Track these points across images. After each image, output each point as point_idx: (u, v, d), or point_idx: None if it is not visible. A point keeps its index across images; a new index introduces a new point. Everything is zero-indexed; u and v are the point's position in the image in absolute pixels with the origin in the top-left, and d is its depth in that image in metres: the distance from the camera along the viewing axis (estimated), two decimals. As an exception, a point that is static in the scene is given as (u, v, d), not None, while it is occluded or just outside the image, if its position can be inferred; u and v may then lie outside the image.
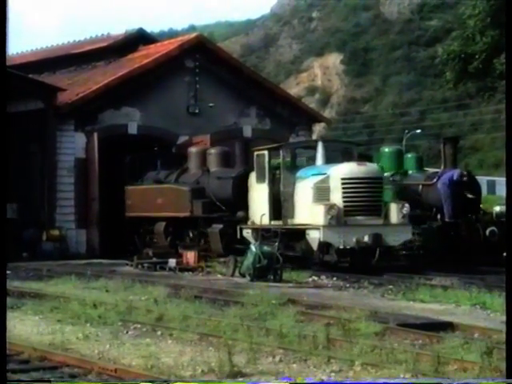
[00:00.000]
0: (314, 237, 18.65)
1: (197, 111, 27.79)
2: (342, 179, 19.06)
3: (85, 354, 9.82)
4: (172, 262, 20.50)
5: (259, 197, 20.59)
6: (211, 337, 10.75)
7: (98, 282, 17.02)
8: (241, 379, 8.66)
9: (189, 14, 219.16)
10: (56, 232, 24.99)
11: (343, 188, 19.02)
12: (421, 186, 22.66)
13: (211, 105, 27.78)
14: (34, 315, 12.79)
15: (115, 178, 25.92)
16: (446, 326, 11.54)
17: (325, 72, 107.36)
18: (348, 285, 16.89)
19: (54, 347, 10.17)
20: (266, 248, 17.99)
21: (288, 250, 19.24)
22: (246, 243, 20.17)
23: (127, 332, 11.47)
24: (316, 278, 18.12)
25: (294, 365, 9.39)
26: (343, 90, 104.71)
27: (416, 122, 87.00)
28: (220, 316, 12.31)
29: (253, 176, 21.00)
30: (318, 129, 77.35)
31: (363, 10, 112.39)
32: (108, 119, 26.74)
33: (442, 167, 22.79)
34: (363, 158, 20.79)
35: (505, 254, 21.64)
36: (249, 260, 17.87)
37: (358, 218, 18.93)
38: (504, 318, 12.42)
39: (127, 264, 21.74)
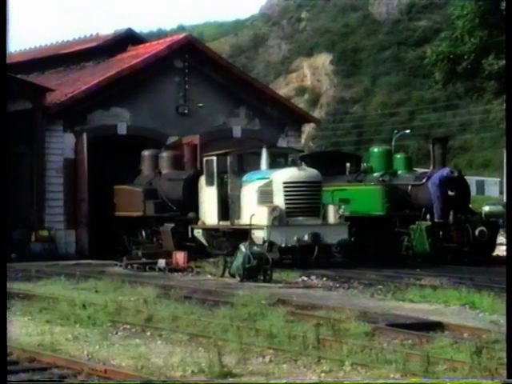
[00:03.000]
0: (259, 236, 19.94)
1: (186, 111, 27.74)
2: (284, 183, 20.58)
3: (74, 355, 9.79)
4: (162, 262, 20.47)
5: (208, 199, 22.24)
6: (201, 337, 10.74)
7: (88, 282, 16.97)
8: (231, 380, 8.66)
9: (178, 14, 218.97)
10: (45, 233, 24.92)
11: (285, 191, 20.53)
12: (410, 186, 22.70)
13: (200, 105, 27.75)
14: (23, 316, 12.73)
15: (104, 179, 25.89)
16: (436, 326, 11.57)
17: (314, 72, 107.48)
18: (338, 285, 16.90)
19: (43, 348, 10.14)
20: (255, 248, 18.01)
21: (235, 248, 20.47)
22: (197, 241, 22.34)
23: (117, 333, 11.45)
24: (306, 278, 18.14)
25: (284, 365, 9.40)
26: (332, 90, 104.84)
27: (405, 122, 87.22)
28: (210, 316, 12.30)
29: (202, 179, 22.55)
30: (308, 129, 77.48)
31: (352, 11, 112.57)
32: (97, 120, 26.67)
33: (431, 167, 22.85)
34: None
35: (501, 253, 21.81)
36: (238, 260, 17.89)
37: (299, 218, 20.47)
38: (493, 317, 12.49)
39: (116, 264, 21.70)
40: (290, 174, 20.82)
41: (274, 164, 21.59)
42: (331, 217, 20.69)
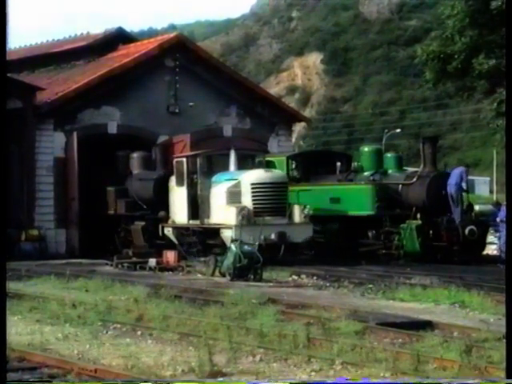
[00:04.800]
0: (227, 235, 20.54)
1: (177, 111, 27.71)
2: (252, 184, 21.25)
3: (64, 355, 9.77)
4: (152, 261, 20.45)
5: (179, 199, 22.96)
6: (191, 336, 10.74)
7: (78, 281, 16.94)
8: (221, 379, 8.66)
9: (169, 13, 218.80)
10: (35, 232, 24.85)
11: (252, 192, 21.22)
12: (400, 186, 22.73)
13: (191, 104, 27.72)
14: (13, 315, 12.68)
15: (95, 178, 25.89)
16: (426, 325, 11.60)
17: (305, 71, 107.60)
18: (328, 284, 16.93)
19: (33, 348, 10.12)
20: (246, 247, 18.02)
21: (204, 246, 21.79)
22: (167, 240, 23.07)
23: (107, 332, 11.44)
24: (296, 278, 18.17)
25: (275, 364, 9.40)
26: (323, 89, 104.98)
27: (395, 121, 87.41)
28: (200, 316, 12.30)
29: (173, 180, 23.28)
30: (298, 128, 77.55)
31: (343, 10, 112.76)
32: (87, 119, 26.61)
33: (422, 166, 22.87)
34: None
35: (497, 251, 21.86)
36: (229, 259, 17.90)
37: (266, 218, 21.06)
38: (482, 316, 12.54)
39: (107, 264, 21.67)
40: (257, 175, 21.52)
41: (241, 165, 22.31)
42: (297, 216, 21.47)
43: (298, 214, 21.47)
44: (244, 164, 22.42)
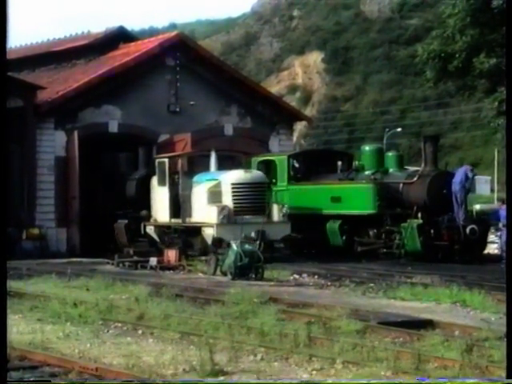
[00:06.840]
0: (209, 233, 21.54)
1: (178, 109, 27.72)
2: (232, 184, 21.94)
3: (65, 354, 9.77)
4: (153, 260, 20.48)
5: (161, 198, 23.66)
6: (192, 335, 10.74)
7: (79, 280, 16.94)
8: (222, 378, 8.66)
9: (169, 11, 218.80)
10: (36, 231, 24.87)
11: (233, 192, 21.91)
12: (401, 185, 22.73)
13: (192, 103, 27.73)
14: (14, 314, 12.67)
15: (95, 177, 25.90)
16: (427, 324, 11.60)
17: (306, 70, 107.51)
18: (329, 283, 16.93)
19: (34, 346, 10.12)
20: (247, 246, 18.03)
21: (186, 244, 22.27)
22: (148, 237, 23.79)
23: (108, 331, 11.44)
24: (297, 277, 18.17)
25: (276, 363, 9.40)
26: (324, 88, 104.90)
27: (396, 120, 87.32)
28: (201, 315, 12.30)
29: (155, 179, 23.93)
30: (299, 127, 77.51)
31: (344, 9, 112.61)
32: (88, 117, 26.62)
33: (423, 165, 22.87)
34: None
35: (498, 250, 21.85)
36: (230, 258, 17.90)
37: (246, 216, 21.67)
38: (483, 315, 12.54)
39: (108, 263, 21.68)
40: (237, 175, 22.12)
41: (221, 166, 22.86)
42: (275, 215, 22.17)
43: (276, 213, 22.13)
44: (226, 164, 22.91)
